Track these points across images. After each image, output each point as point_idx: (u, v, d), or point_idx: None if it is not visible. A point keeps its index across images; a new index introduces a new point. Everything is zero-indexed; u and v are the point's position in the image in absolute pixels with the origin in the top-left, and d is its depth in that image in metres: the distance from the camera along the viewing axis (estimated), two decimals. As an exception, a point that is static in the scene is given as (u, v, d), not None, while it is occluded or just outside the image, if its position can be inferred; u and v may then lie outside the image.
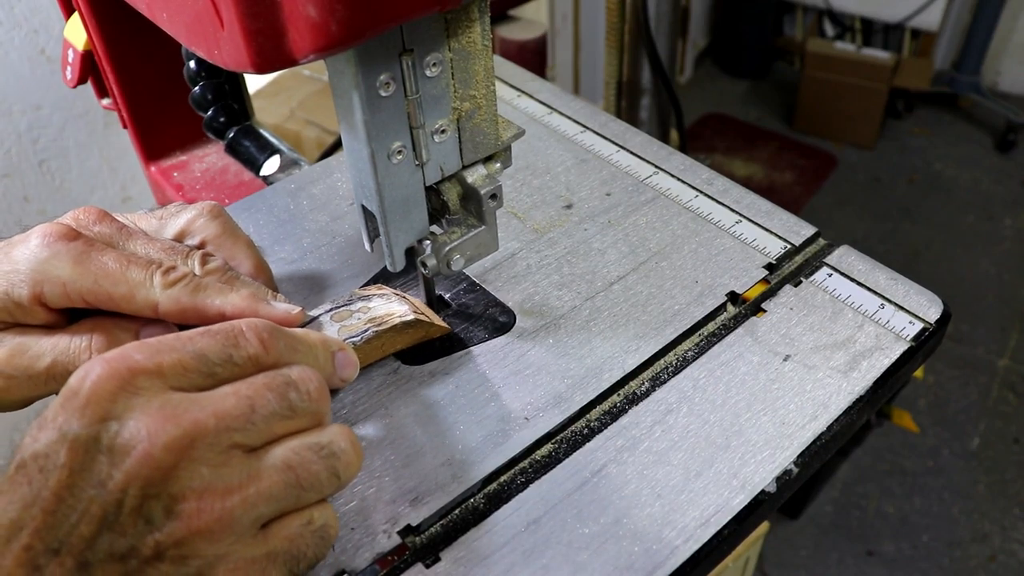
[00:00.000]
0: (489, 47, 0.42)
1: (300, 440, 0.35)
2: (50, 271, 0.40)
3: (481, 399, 0.48)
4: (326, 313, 0.48)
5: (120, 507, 0.31)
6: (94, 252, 0.41)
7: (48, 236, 0.41)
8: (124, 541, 0.31)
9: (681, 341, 0.51)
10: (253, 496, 0.33)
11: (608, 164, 0.65)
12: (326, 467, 0.35)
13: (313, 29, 0.32)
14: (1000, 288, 2.41)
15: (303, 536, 0.35)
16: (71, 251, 0.41)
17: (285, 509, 0.35)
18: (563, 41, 2.39)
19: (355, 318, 0.48)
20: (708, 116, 3.16)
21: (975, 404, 2.09)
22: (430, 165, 0.44)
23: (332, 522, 0.37)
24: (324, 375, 0.38)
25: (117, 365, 0.33)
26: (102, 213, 0.45)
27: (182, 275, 0.42)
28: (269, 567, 0.34)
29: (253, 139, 0.78)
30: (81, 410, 0.32)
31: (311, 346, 0.40)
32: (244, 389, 0.35)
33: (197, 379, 0.35)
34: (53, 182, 1.29)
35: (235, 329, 0.36)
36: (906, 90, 3.00)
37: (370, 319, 0.48)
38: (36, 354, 0.42)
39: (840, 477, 1.94)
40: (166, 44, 0.72)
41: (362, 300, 0.50)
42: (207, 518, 0.32)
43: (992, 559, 1.77)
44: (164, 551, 0.31)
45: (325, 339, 0.41)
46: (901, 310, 0.52)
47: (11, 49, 1.16)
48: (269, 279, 0.49)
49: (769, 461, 0.44)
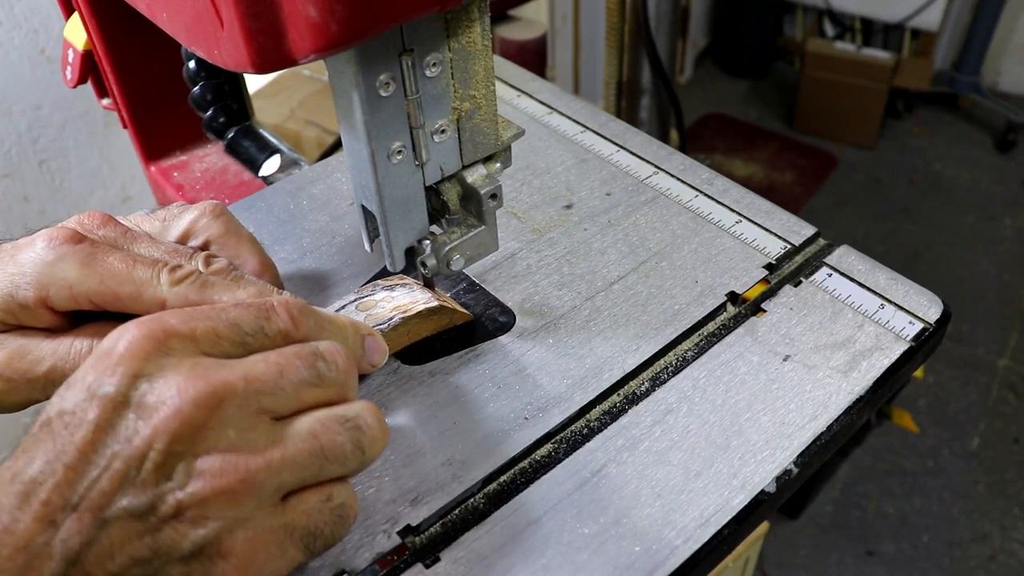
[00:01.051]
0: (489, 47, 0.42)
1: (326, 411, 0.36)
2: (56, 274, 0.40)
3: (481, 399, 0.48)
4: (351, 303, 0.49)
5: (143, 463, 0.31)
6: (100, 254, 0.41)
7: (53, 240, 0.41)
8: (144, 499, 0.31)
9: (681, 341, 0.51)
10: (277, 461, 0.33)
11: (608, 164, 0.65)
12: (351, 439, 0.35)
13: (313, 29, 0.32)
14: (1000, 288, 2.41)
15: (322, 512, 0.35)
16: (77, 253, 0.41)
17: (307, 480, 0.35)
18: (563, 41, 2.39)
19: (380, 307, 0.49)
20: (708, 116, 3.16)
21: (975, 404, 2.09)
22: (430, 165, 0.44)
23: (351, 503, 0.37)
24: (354, 357, 0.39)
25: (152, 326, 0.33)
26: (106, 217, 0.45)
27: (189, 272, 0.42)
28: (286, 540, 0.34)
29: (253, 139, 0.78)
30: (113, 368, 0.32)
31: (341, 327, 0.40)
32: (273, 356, 0.35)
33: (228, 347, 0.35)
34: (53, 182, 1.29)
35: (267, 304, 0.37)
36: (906, 90, 3.00)
37: (395, 307, 0.49)
38: (36, 358, 0.42)
39: (840, 477, 1.94)
40: (166, 44, 0.72)
41: (385, 290, 0.51)
42: (230, 479, 0.32)
43: (992, 559, 1.77)
44: (184, 510, 0.31)
45: (355, 323, 0.42)
46: (901, 310, 0.52)
47: (11, 49, 1.16)
48: (275, 276, 0.49)
49: (769, 461, 0.44)
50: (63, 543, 0.30)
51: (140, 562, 0.31)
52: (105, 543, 0.31)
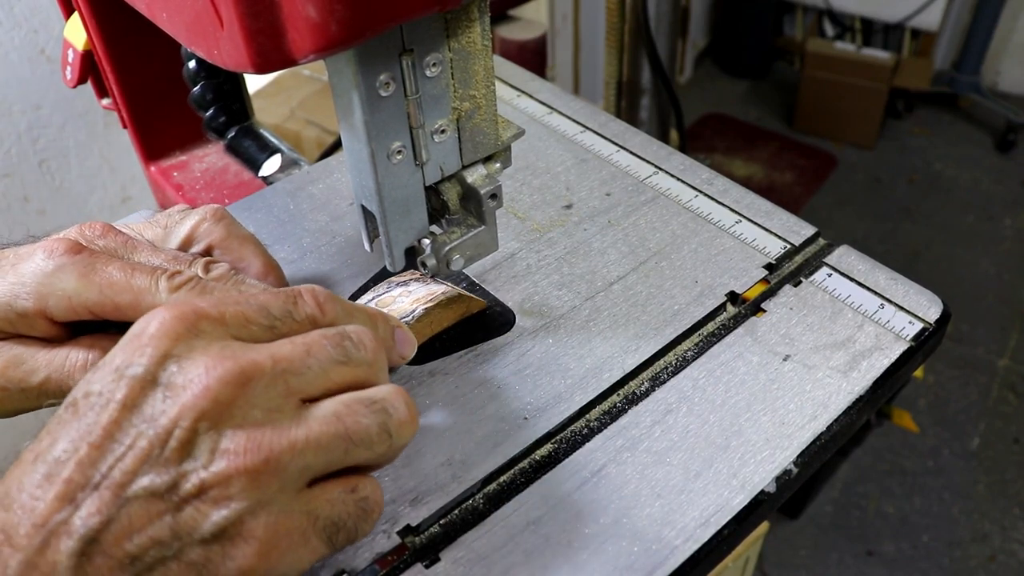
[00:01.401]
0: (489, 47, 0.42)
1: (352, 394, 0.36)
2: (55, 284, 0.40)
3: (481, 399, 0.48)
4: (370, 301, 0.49)
5: (167, 441, 0.31)
6: (99, 264, 0.41)
7: (53, 251, 0.41)
8: (166, 477, 0.31)
9: (681, 341, 0.51)
10: (302, 442, 0.33)
11: (608, 164, 0.65)
12: (377, 422, 0.35)
13: (313, 29, 0.32)
14: (1000, 288, 2.41)
15: (345, 503, 0.35)
16: (76, 264, 0.41)
17: (333, 463, 0.34)
18: (563, 41, 2.39)
19: (399, 301, 0.49)
20: (708, 116, 3.16)
21: (975, 404, 2.10)
22: (430, 165, 0.44)
23: (377, 497, 0.36)
24: (385, 347, 0.39)
25: (183, 308, 0.34)
26: (107, 227, 0.45)
27: (188, 278, 0.42)
28: (309, 528, 0.34)
29: (253, 139, 0.78)
30: (142, 349, 0.32)
31: (371, 316, 0.40)
32: (300, 338, 0.35)
33: (257, 331, 0.35)
34: (53, 182, 1.29)
35: (295, 290, 0.37)
36: (906, 90, 3.00)
37: (415, 299, 0.49)
38: (31, 368, 0.42)
39: (840, 477, 1.94)
40: (166, 44, 0.72)
41: (400, 286, 0.51)
42: (254, 458, 0.32)
43: (992, 559, 1.77)
44: (207, 489, 0.31)
45: (384, 314, 0.41)
46: (901, 310, 0.52)
47: (11, 49, 1.16)
48: (280, 278, 0.49)
49: (769, 461, 0.44)
50: (82, 521, 0.30)
51: (160, 543, 0.31)
52: (124, 522, 0.31)
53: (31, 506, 0.30)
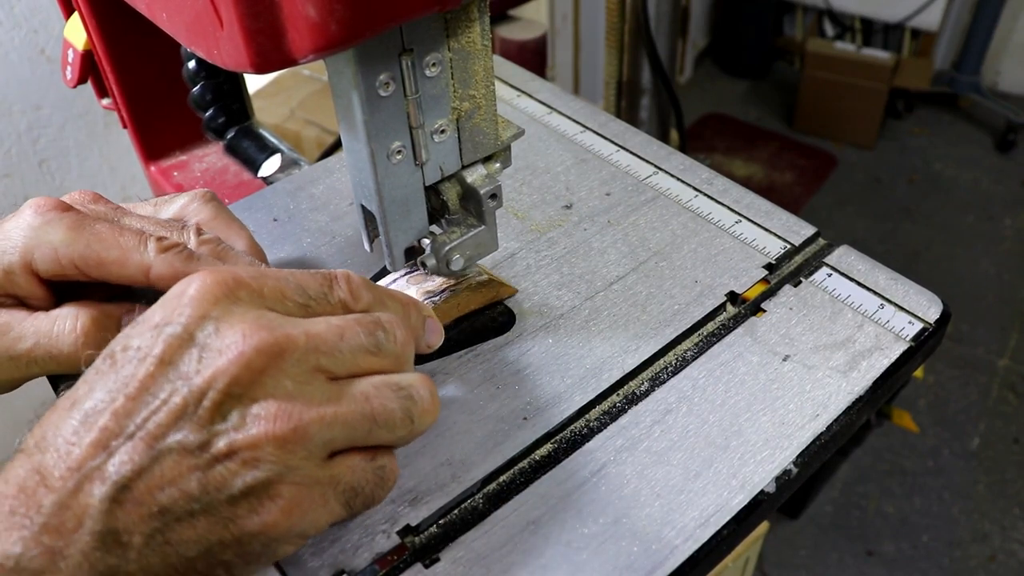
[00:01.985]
0: (489, 47, 0.42)
1: (382, 378, 0.36)
2: (42, 236, 0.41)
3: (481, 399, 0.48)
4: (402, 277, 0.50)
5: (201, 401, 0.32)
6: (87, 221, 0.42)
7: (41, 207, 0.42)
8: (198, 436, 0.32)
9: (681, 341, 0.51)
10: (330, 416, 0.34)
11: (608, 164, 0.65)
12: (401, 407, 0.36)
13: (313, 29, 0.32)
14: (1000, 288, 2.41)
15: (365, 471, 0.36)
16: (65, 219, 0.41)
17: (356, 440, 0.35)
18: (563, 41, 2.39)
19: (430, 280, 0.50)
20: (708, 116, 3.16)
21: (975, 404, 2.10)
22: (430, 165, 0.44)
23: (393, 466, 0.38)
24: (414, 335, 0.39)
25: (224, 275, 0.34)
26: (97, 195, 0.46)
27: (176, 242, 0.42)
28: (329, 492, 0.35)
29: (253, 139, 0.78)
30: (182, 309, 0.33)
31: (404, 305, 0.40)
32: (336, 320, 0.36)
33: (292, 307, 0.36)
34: (53, 182, 1.29)
35: (331, 274, 0.38)
36: (906, 90, 3.00)
37: (444, 281, 0.50)
38: (18, 335, 0.42)
39: (840, 477, 1.94)
40: (166, 44, 0.72)
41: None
42: (283, 425, 0.32)
43: (992, 559, 1.77)
44: (237, 451, 0.32)
45: (417, 303, 0.42)
46: (901, 310, 0.52)
47: (11, 49, 1.16)
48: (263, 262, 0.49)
49: (769, 461, 0.44)
50: (115, 468, 0.31)
51: (189, 497, 0.32)
52: (156, 473, 0.31)
53: (66, 450, 0.31)
